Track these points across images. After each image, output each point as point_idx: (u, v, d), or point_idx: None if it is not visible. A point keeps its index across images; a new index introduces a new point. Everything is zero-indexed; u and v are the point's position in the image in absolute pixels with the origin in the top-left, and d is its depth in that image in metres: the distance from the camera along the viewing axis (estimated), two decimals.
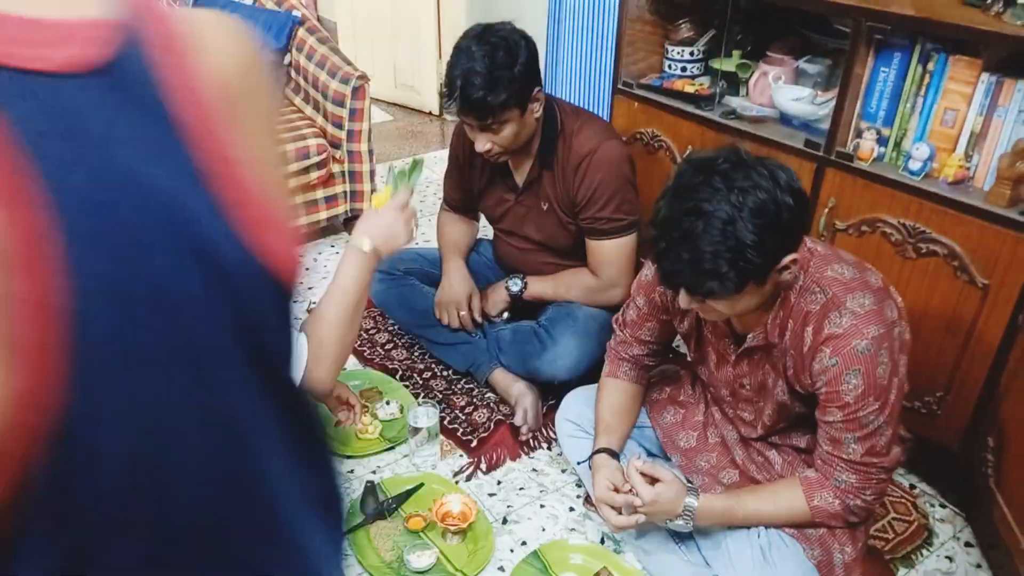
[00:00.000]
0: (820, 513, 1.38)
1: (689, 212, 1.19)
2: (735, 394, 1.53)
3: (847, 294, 1.28)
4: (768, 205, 1.17)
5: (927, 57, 1.67)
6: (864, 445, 1.31)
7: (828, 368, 1.28)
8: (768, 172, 1.19)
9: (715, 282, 1.19)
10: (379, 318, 2.51)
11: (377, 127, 4.06)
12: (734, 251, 1.17)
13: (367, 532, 1.71)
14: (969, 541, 1.77)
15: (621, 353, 1.69)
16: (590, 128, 1.96)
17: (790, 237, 1.23)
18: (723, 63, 2.19)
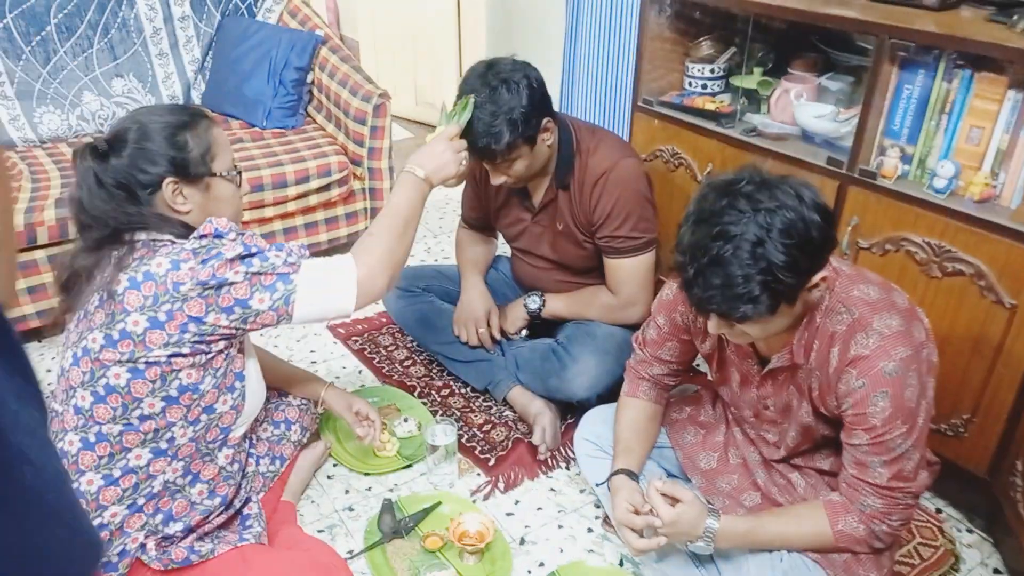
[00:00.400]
0: (844, 538, 1.35)
1: (716, 237, 1.17)
2: (759, 415, 1.51)
3: (874, 314, 1.26)
4: (796, 224, 1.15)
5: (952, 74, 1.65)
6: (891, 469, 1.29)
7: (855, 390, 1.26)
8: (793, 190, 1.18)
9: (749, 306, 1.17)
10: (398, 335, 2.51)
11: (398, 144, 4.08)
12: (766, 273, 1.15)
13: (384, 551, 1.70)
14: (998, 568, 1.72)
15: (641, 372, 1.67)
16: (606, 147, 1.95)
17: (820, 254, 1.21)
18: (744, 80, 2.18)
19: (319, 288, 1.36)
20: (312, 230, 2.79)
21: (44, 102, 2.82)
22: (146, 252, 1.31)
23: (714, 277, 1.17)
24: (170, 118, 1.37)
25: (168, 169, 1.34)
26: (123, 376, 1.29)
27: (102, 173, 1.31)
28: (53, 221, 2.28)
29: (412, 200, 1.56)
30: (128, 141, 1.33)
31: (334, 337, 2.52)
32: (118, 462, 1.32)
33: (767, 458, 1.55)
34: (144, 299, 1.26)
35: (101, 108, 2.92)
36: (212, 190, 1.41)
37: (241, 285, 1.29)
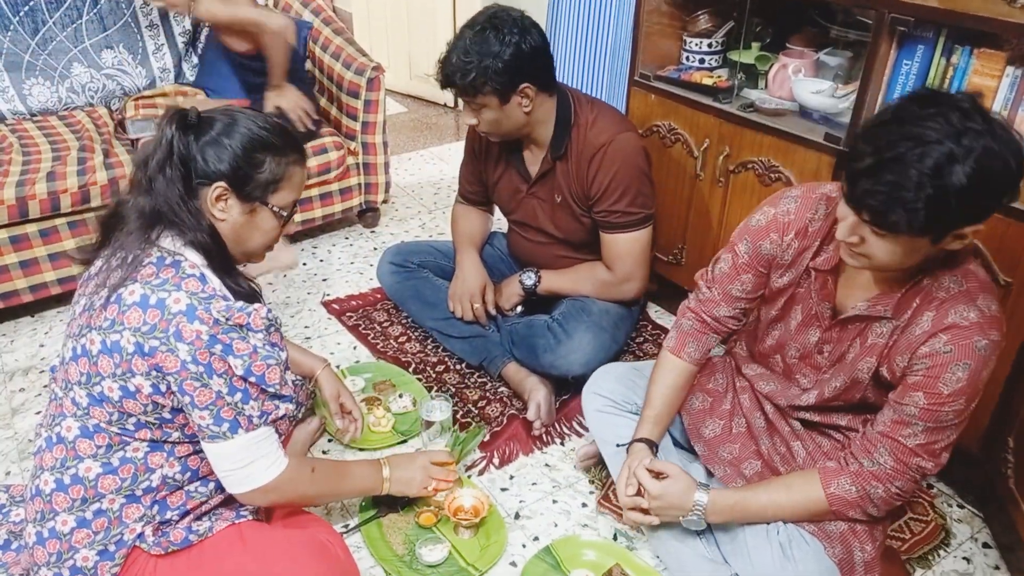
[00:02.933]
0: (837, 501, 1.36)
1: (910, 137, 1.09)
2: (806, 357, 1.48)
3: (980, 292, 1.25)
4: (995, 161, 1.08)
5: (951, 50, 1.64)
6: (927, 437, 1.29)
7: (939, 353, 1.24)
8: (1005, 132, 1.10)
9: (905, 215, 1.10)
10: (392, 311, 2.51)
11: (392, 119, 4.06)
12: (939, 190, 1.08)
13: (379, 525, 1.71)
14: (987, 542, 1.75)
15: (702, 314, 1.58)
16: (605, 119, 1.94)
17: (994, 203, 1.15)
18: (742, 55, 2.16)
19: (234, 460, 1.31)
20: (306, 205, 2.78)
21: (33, 74, 2.78)
22: (169, 272, 1.24)
23: (889, 173, 1.10)
24: (263, 133, 1.33)
25: (227, 174, 1.30)
26: (116, 392, 1.25)
27: (178, 141, 1.28)
28: (44, 195, 2.26)
29: (362, 484, 1.62)
30: (214, 127, 1.30)
31: (329, 313, 2.52)
32: (116, 452, 1.30)
33: (786, 404, 1.53)
34: (143, 324, 1.21)
35: (91, 80, 2.88)
36: (256, 216, 1.36)
37: (206, 393, 1.24)
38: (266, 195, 1.34)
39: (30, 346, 2.34)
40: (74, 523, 1.29)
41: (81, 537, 1.30)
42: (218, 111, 1.34)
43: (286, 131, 1.39)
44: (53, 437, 1.32)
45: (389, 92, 3.75)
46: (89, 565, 1.31)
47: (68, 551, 1.30)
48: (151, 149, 1.30)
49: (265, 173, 1.33)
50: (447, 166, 3.65)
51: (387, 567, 1.62)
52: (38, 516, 1.31)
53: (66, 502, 1.29)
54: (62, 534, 1.29)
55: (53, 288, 2.37)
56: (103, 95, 2.92)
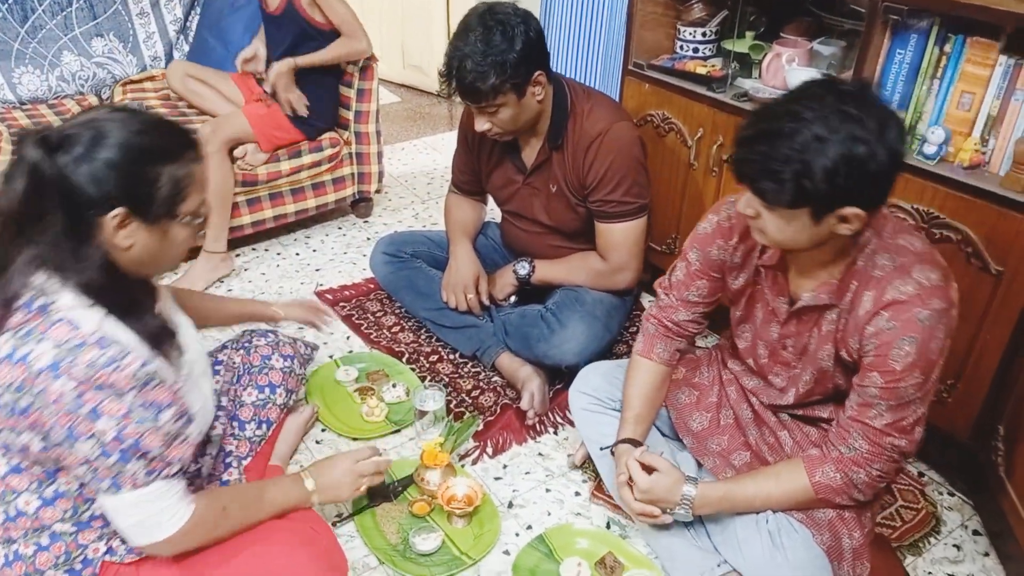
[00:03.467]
0: (823, 489, 1.37)
1: (789, 113, 1.17)
2: (774, 354, 1.51)
3: (915, 264, 1.26)
4: (860, 147, 1.14)
5: (944, 39, 1.64)
6: (893, 415, 1.30)
7: (883, 331, 1.26)
8: (880, 120, 1.16)
9: (773, 185, 1.19)
10: (386, 301, 2.50)
11: (385, 108, 4.04)
12: (805, 166, 1.15)
13: (373, 515, 1.71)
14: (977, 529, 1.76)
15: (663, 320, 1.63)
16: (601, 109, 1.93)
17: (864, 189, 1.19)
18: (736, 44, 2.16)
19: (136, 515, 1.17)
20: (299, 196, 2.76)
21: (23, 62, 2.76)
22: (36, 318, 1.08)
23: (762, 144, 1.19)
24: (146, 140, 1.12)
25: (123, 198, 1.10)
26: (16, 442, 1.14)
27: (47, 168, 1.06)
28: None
29: (287, 503, 1.41)
30: (88, 143, 1.08)
31: (322, 303, 2.51)
32: (48, 487, 1.20)
33: (768, 404, 1.55)
34: (13, 379, 1.07)
35: (81, 69, 2.86)
36: (168, 234, 1.18)
37: (78, 456, 1.11)
38: (174, 209, 1.16)
39: None
40: (34, 547, 1.24)
41: (44, 560, 1.24)
42: (81, 120, 1.11)
43: (169, 125, 1.19)
44: None
45: (382, 82, 3.73)
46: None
47: (35, 572, 1.25)
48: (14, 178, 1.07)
49: (165, 187, 1.13)
50: (440, 156, 3.64)
51: (381, 556, 1.62)
52: (3, 539, 1.25)
53: (19, 531, 1.23)
54: (26, 557, 1.24)
55: None
56: (93, 84, 2.90)
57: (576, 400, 1.76)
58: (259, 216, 2.68)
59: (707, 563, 1.50)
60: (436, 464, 1.74)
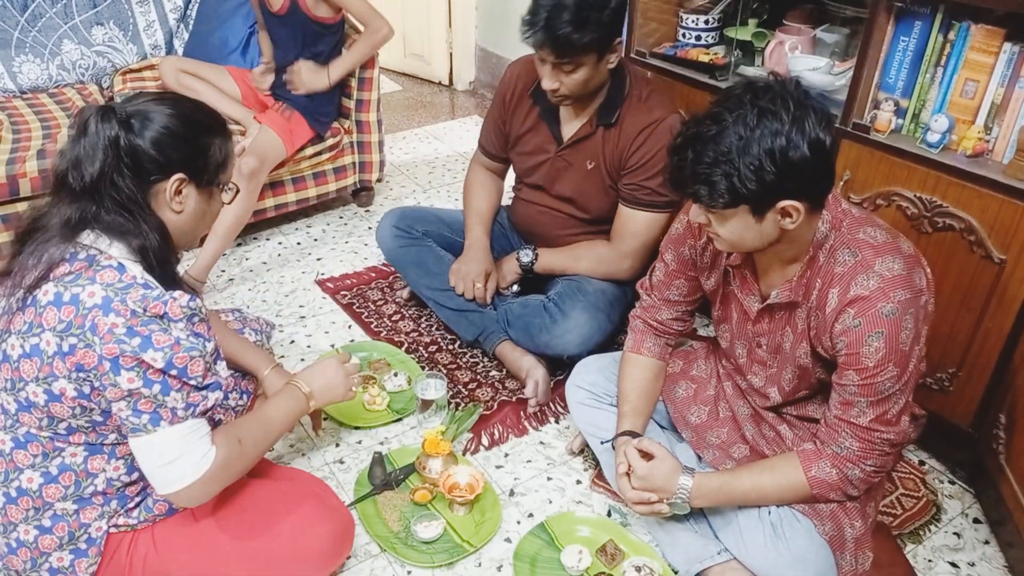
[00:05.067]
0: (818, 484, 1.37)
1: (713, 117, 1.21)
2: (751, 353, 1.52)
3: (877, 257, 1.26)
4: (781, 144, 1.17)
5: (948, 26, 1.63)
6: (875, 410, 1.30)
7: (850, 329, 1.26)
8: (799, 114, 1.18)
9: (705, 188, 1.22)
10: (387, 290, 2.50)
11: (386, 97, 4.03)
12: (731, 167, 1.18)
13: (375, 502, 1.72)
14: (978, 517, 1.76)
15: (648, 320, 1.66)
16: (658, 97, 1.93)
17: (795, 181, 1.20)
18: (738, 32, 2.15)
19: (160, 455, 1.21)
20: (300, 185, 2.76)
21: (23, 51, 2.75)
22: (82, 267, 1.17)
23: (690, 151, 1.22)
24: (201, 115, 1.30)
25: (182, 164, 1.25)
26: (41, 396, 1.18)
27: (122, 138, 1.19)
28: (35, 172, 2.25)
29: (290, 415, 1.51)
30: (155, 120, 1.23)
31: (323, 292, 2.51)
32: (53, 460, 1.24)
33: (760, 408, 1.56)
34: (59, 322, 1.14)
35: (82, 57, 2.85)
36: (211, 200, 1.33)
37: (122, 389, 1.16)
38: (218, 177, 1.32)
39: None
40: (36, 531, 1.26)
41: (48, 543, 1.27)
42: (139, 101, 1.26)
43: (209, 107, 1.35)
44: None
45: (383, 70, 3.72)
46: (65, 565, 1.29)
47: (40, 556, 1.27)
48: (87, 150, 1.19)
49: (214, 156, 1.29)
50: (442, 145, 3.63)
51: (382, 544, 1.63)
52: (1, 529, 1.28)
53: (20, 514, 1.26)
54: (28, 543, 1.27)
55: None
56: (94, 72, 2.89)
57: (573, 394, 1.77)
58: (260, 205, 2.67)
59: (707, 550, 1.50)
60: (438, 452, 1.74)
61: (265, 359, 1.70)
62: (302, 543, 1.41)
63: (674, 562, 1.56)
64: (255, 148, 2.43)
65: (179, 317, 1.18)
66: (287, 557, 1.40)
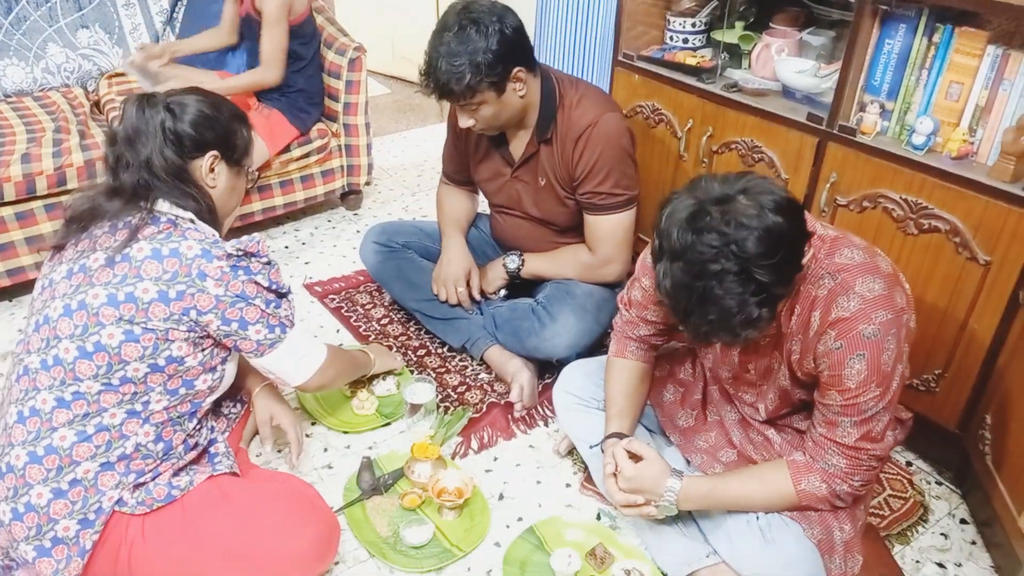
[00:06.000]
0: (807, 497, 1.37)
1: (698, 276, 1.16)
2: (739, 378, 1.52)
3: (856, 278, 1.26)
4: (768, 239, 1.14)
5: (933, 28, 1.64)
6: (860, 430, 1.30)
7: (832, 351, 1.26)
8: (752, 203, 1.16)
9: (751, 329, 1.20)
10: (375, 293, 2.50)
11: (374, 100, 4.02)
12: (758, 294, 1.16)
13: (363, 507, 1.71)
14: (964, 518, 1.77)
15: (628, 332, 1.66)
16: (589, 100, 1.92)
17: (798, 248, 1.22)
18: (725, 35, 2.15)
19: (295, 353, 1.52)
20: (287, 188, 2.75)
21: (7, 54, 2.73)
22: (169, 227, 1.37)
23: (709, 313, 1.18)
24: (228, 105, 1.52)
25: (216, 143, 1.46)
26: (117, 336, 1.32)
27: (166, 121, 1.40)
28: (20, 177, 2.22)
29: (359, 360, 1.90)
30: (193, 106, 1.44)
31: (311, 296, 2.50)
32: (92, 419, 1.34)
33: (747, 417, 1.56)
34: (163, 272, 1.33)
35: (67, 60, 2.83)
36: (238, 179, 1.54)
37: (254, 310, 1.40)
38: (243, 159, 1.54)
39: (8, 331, 2.31)
40: (50, 495, 1.32)
41: (59, 508, 1.32)
42: (174, 94, 1.47)
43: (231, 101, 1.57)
44: (25, 411, 1.34)
45: (371, 73, 3.71)
46: (71, 535, 1.33)
47: (48, 523, 1.31)
48: (133, 132, 1.39)
49: (242, 139, 1.52)
50: (430, 148, 3.62)
51: (371, 549, 1.62)
52: (10, 493, 1.32)
53: (40, 474, 1.32)
54: (39, 507, 1.31)
55: (31, 272, 2.33)
56: (79, 76, 2.87)
57: (560, 400, 1.76)
58: (247, 209, 2.66)
59: (696, 553, 1.50)
60: (426, 457, 1.73)
61: (258, 376, 1.76)
62: (285, 544, 1.43)
63: (663, 565, 1.56)
64: None
65: (265, 253, 1.43)
66: (270, 557, 1.43)
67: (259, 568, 1.43)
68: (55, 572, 1.32)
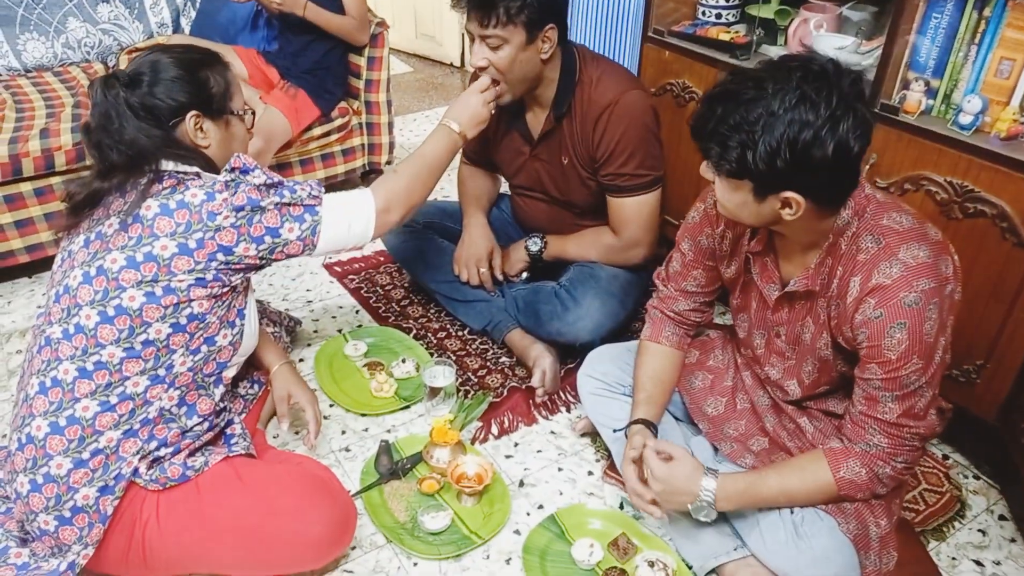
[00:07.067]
0: (847, 485, 1.31)
1: (757, 81, 1.15)
2: (769, 343, 1.46)
3: (901, 244, 1.20)
4: (805, 131, 1.11)
5: (984, 2, 1.55)
6: (902, 405, 1.24)
7: (871, 320, 1.20)
8: (839, 113, 1.11)
9: (717, 148, 1.18)
10: (395, 274, 2.46)
11: (397, 78, 3.97)
12: (750, 139, 1.13)
13: (381, 492, 1.68)
14: (1003, 514, 1.70)
15: (665, 311, 1.61)
16: (611, 77, 1.85)
17: (806, 177, 1.15)
18: (761, 9, 2.07)
19: (342, 219, 1.48)
20: (308, 167, 2.71)
21: (27, 29, 2.71)
22: (174, 183, 1.35)
23: (719, 105, 1.17)
24: (191, 55, 1.44)
25: (192, 102, 1.39)
26: (138, 299, 1.31)
27: (131, 98, 1.34)
28: (39, 152, 2.21)
29: (440, 149, 1.70)
30: (153, 72, 1.38)
31: (331, 276, 2.47)
32: (115, 388, 1.33)
33: (779, 400, 1.51)
34: (176, 226, 1.31)
35: (87, 35, 2.80)
36: (230, 127, 1.47)
37: (272, 214, 1.38)
38: (227, 104, 1.46)
39: (28, 307, 2.30)
40: (70, 464, 1.31)
41: (79, 477, 1.32)
42: (139, 57, 1.42)
43: (197, 46, 1.52)
44: (47, 382, 1.33)
45: (394, 51, 3.66)
46: (90, 503, 1.32)
47: (67, 492, 1.31)
48: (105, 119, 1.34)
49: (216, 85, 1.43)
50: None
51: (389, 534, 1.59)
52: (29, 464, 1.32)
53: (61, 444, 1.31)
54: (59, 477, 1.31)
55: (50, 248, 2.32)
56: (99, 51, 2.85)
57: (584, 384, 1.72)
58: None
59: (724, 546, 1.45)
60: (446, 441, 1.70)
61: (278, 354, 1.75)
62: (301, 526, 1.41)
63: (688, 557, 1.52)
64: (260, 128, 2.39)
65: (252, 166, 1.38)
66: (285, 540, 1.41)
67: (274, 551, 1.41)
68: (78, 539, 1.32)
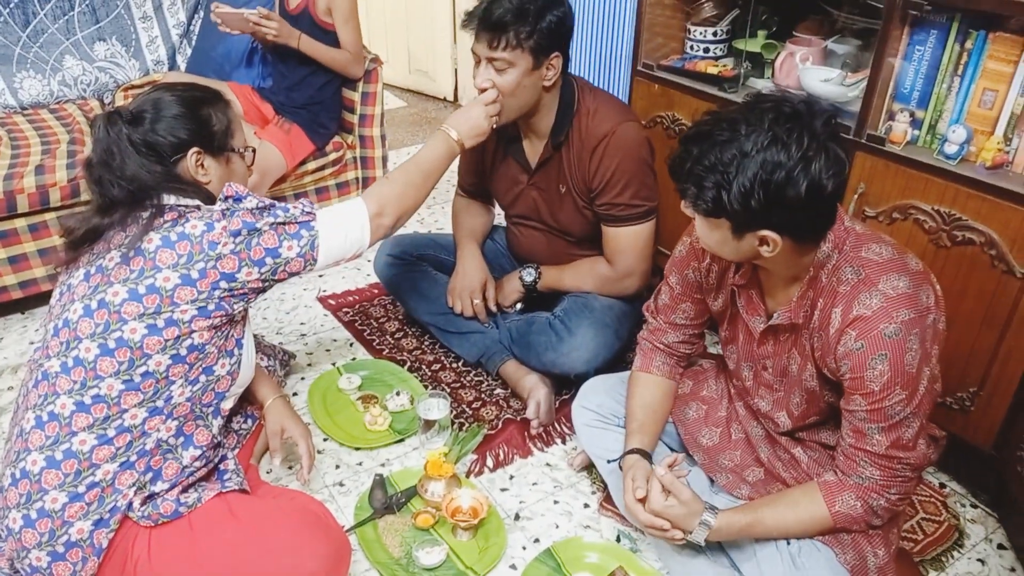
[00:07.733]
0: (842, 519, 1.31)
1: (730, 121, 1.17)
2: (757, 376, 1.47)
3: (881, 275, 1.21)
4: (778, 172, 1.12)
5: (965, 34, 1.59)
6: (889, 436, 1.24)
7: (853, 352, 1.21)
8: (811, 154, 1.12)
9: (693, 189, 1.19)
10: (389, 306, 2.46)
11: (391, 113, 4.01)
12: (725, 180, 1.15)
13: (375, 527, 1.66)
14: (1002, 543, 1.69)
15: (655, 343, 1.62)
16: (607, 109, 1.88)
17: (781, 216, 1.16)
18: (748, 44, 2.11)
19: (338, 229, 1.48)
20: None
21: (24, 67, 2.73)
22: (175, 216, 1.36)
23: (695, 147, 1.19)
24: (193, 93, 1.46)
25: (193, 139, 1.42)
26: (139, 331, 1.31)
27: (133, 135, 1.37)
28: (33, 188, 2.21)
29: (436, 154, 1.69)
30: (156, 110, 1.40)
31: (325, 309, 2.47)
32: (113, 421, 1.33)
33: (772, 432, 1.50)
34: (178, 257, 1.32)
35: (83, 73, 2.83)
36: (231, 164, 1.50)
37: (269, 235, 1.39)
38: (228, 142, 1.48)
39: (20, 343, 2.29)
40: (66, 499, 1.30)
41: (75, 511, 1.30)
42: (143, 94, 1.45)
43: (204, 86, 1.54)
44: (44, 416, 1.32)
45: (388, 86, 3.70)
46: (84, 537, 1.31)
47: (61, 527, 1.30)
48: (107, 155, 1.36)
49: (217, 123, 1.46)
50: None
51: (383, 571, 1.57)
52: (22, 499, 1.30)
53: (57, 479, 1.30)
54: (53, 512, 1.30)
55: (43, 284, 2.32)
56: (95, 88, 2.87)
57: (579, 416, 1.71)
58: None
59: None
60: (440, 475, 1.68)
61: (271, 388, 1.75)
62: (295, 563, 1.39)
63: None
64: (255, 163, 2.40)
65: (245, 193, 1.39)
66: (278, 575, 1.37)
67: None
68: (72, 574, 1.31)
